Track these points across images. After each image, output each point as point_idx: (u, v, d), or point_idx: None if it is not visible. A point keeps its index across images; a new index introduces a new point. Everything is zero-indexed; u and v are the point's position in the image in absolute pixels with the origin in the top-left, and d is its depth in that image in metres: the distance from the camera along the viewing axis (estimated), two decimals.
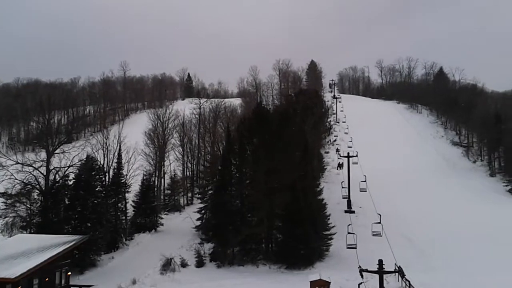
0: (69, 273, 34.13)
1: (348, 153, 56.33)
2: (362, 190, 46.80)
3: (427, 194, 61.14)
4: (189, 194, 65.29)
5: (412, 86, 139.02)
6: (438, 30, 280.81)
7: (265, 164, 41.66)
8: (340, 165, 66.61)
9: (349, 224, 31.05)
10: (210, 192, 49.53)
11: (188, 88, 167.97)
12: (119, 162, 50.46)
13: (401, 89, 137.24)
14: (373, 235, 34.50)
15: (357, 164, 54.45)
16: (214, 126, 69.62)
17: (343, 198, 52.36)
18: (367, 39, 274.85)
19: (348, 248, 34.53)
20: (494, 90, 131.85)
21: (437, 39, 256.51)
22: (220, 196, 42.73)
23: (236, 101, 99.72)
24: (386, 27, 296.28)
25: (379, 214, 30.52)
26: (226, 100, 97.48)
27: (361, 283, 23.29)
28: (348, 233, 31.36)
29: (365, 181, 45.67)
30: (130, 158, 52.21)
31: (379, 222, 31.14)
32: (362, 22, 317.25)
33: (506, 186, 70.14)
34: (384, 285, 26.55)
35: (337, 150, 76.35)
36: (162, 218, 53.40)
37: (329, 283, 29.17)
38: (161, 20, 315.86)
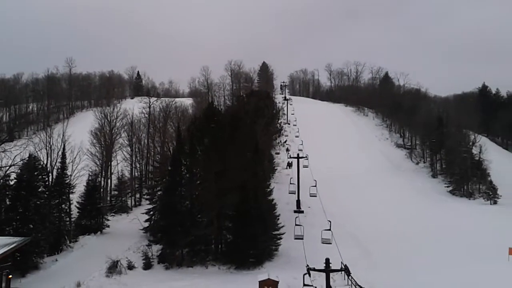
0: (10, 276, 32.54)
1: (298, 154, 57.21)
2: (312, 195, 47.38)
3: (372, 194, 63.16)
4: (137, 195, 63.92)
5: (359, 90, 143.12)
6: (385, 37, 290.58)
7: (215, 165, 41.59)
8: (289, 164, 67.58)
9: (297, 217, 31.07)
10: (159, 193, 48.76)
11: (137, 86, 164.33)
12: (63, 162, 48.63)
13: (349, 92, 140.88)
14: (323, 243, 34.67)
15: (307, 167, 55.42)
16: (164, 125, 68.52)
17: (290, 193, 53.26)
18: (317, 43, 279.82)
19: (295, 239, 35.07)
20: (436, 95, 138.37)
21: (383, 45, 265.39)
22: (170, 197, 42.18)
23: (187, 101, 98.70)
24: (335, 31, 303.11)
25: (329, 221, 30.53)
26: (177, 99, 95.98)
27: (305, 274, 23.65)
28: (296, 225, 31.43)
29: (315, 186, 46.37)
30: (75, 158, 50.46)
31: (329, 229, 31.10)
32: (313, 26, 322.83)
33: (447, 187, 73.75)
34: (331, 283, 27.24)
35: (287, 150, 77.36)
36: (108, 220, 51.97)
37: (277, 282, 29.53)
38: (110, 16, 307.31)
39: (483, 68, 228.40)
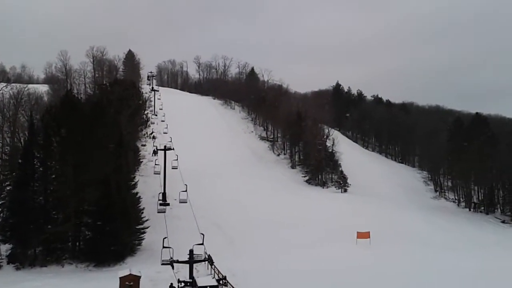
0: None
1: (165, 146, 56.02)
2: (182, 201, 45.18)
3: (237, 185, 65.16)
4: None
5: (227, 83, 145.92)
6: (251, 34, 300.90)
7: (74, 158, 39.08)
8: (155, 152, 65.21)
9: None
10: (8, 188, 44.21)
11: None
12: None
13: (217, 85, 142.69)
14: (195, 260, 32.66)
15: (176, 168, 53.41)
16: (14, 114, 61.84)
17: (155, 174, 52.93)
18: (186, 35, 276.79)
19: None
20: (296, 91, 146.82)
21: (249, 42, 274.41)
22: (21, 192, 38.47)
23: (43, 88, 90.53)
24: (204, 25, 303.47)
25: (202, 234, 28.93)
26: (30, 86, 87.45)
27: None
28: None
29: (185, 191, 44.94)
30: None
31: (202, 244, 28.75)
32: (181, 17, 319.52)
33: (304, 177, 79.23)
34: (195, 274, 27.61)
35: (153, 138, 75.70)
36: None
37: (139, 277, 29.00)
38: None
39: (338, 68, 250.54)
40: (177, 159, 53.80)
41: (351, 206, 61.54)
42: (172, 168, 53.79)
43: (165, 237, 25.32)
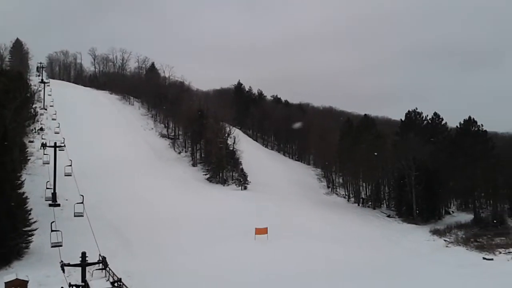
0: None
1: (55, 143, 52.68)
2: (78, 214, 39.03)
3: (136, 184, 63.46)
4: None
5: (125, 78, 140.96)
6: (150, 29, 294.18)
7: None
8: (43, 145, 60.51)
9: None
10: None
11: None
12: None
13: (114, 79, 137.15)
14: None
15: (70, 175, 48.31)
16: None
17: (44, 164, 51.23)
18: (79, 24, 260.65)
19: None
20: (199, 89, 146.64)
21: (148, 36, 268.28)
22: None
23: None
24: (98, 15, 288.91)
25: (103, 257, 26.77)
26: None
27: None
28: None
29: (82, 202, 41.15)
30: None
31: (104, 268, 26.32)
32: (74, 5, 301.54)
33: (205, 175, 79.42)
34: (88, 277, 26.44)
35: (41, 129, 70.89)
36: None
37: (26, 282, 27.21)
38: None
39: (240, 68, 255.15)
40: (71, 165, 49.08)
41: (251, 203, 63.02)
42: (65, 175, 49.98)
43: (53, 221, 23.82)
